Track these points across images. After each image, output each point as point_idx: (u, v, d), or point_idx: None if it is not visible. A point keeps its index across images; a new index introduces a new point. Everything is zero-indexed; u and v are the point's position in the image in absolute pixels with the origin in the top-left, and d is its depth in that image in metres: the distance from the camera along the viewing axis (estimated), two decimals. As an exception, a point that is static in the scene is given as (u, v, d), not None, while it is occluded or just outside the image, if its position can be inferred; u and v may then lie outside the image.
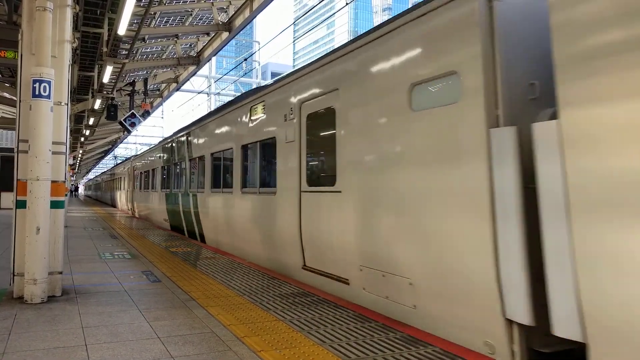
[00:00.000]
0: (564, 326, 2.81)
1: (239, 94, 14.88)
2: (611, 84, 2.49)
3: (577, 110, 2.65)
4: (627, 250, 2.40)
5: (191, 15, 11.96)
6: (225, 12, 11.91)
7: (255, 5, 10.46)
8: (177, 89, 18.81)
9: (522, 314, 3.07)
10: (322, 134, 5.64)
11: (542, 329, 3.06)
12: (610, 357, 2.50)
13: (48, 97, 4.71)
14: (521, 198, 3.11)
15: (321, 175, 5.71)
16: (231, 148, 8.60)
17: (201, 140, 10.64)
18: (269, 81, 7.83)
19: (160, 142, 16.04)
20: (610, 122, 2.48)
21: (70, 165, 25.16)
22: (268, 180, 7.25)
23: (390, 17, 4.75)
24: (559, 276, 2.83)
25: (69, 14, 5.21)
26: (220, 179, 9.32)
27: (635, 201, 2.36)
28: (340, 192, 5.12)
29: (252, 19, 10.95)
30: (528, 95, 3.42)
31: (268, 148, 7.22)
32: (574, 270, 2.70)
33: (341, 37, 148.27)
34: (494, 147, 3.29)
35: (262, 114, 7.28)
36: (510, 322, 3.20)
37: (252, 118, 7.70)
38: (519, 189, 3.12)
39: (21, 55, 5.01)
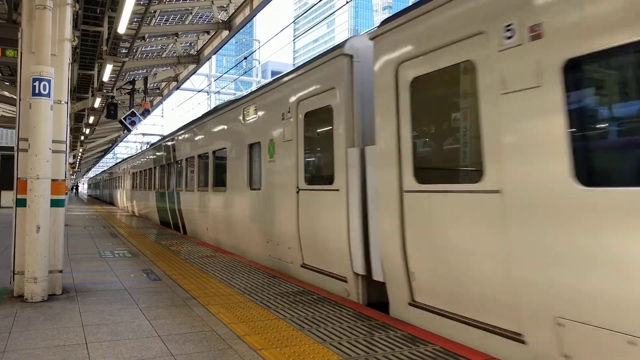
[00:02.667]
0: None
1: (240, 93, 14.86)
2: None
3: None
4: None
5: (191, 13, 11.94)
6: (225, 10, 11.89)
7: (255, 3, 10.44)
8: (177, 88, 18.80)
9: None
10: None
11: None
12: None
13: (48, 95, 4.70)
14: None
15: None
16: None
17: None
18: None
19: None
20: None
21: (70, 164, 25.17)
22: None
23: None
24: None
25: (69, 13, 5.20)
26: None
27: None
28: None
29: (252, 18, 10.93)
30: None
31: None
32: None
33: (341, 35, 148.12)
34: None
35: None
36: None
37: None
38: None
39: (21, 53, 5.00)
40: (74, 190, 58.11)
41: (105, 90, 13.98)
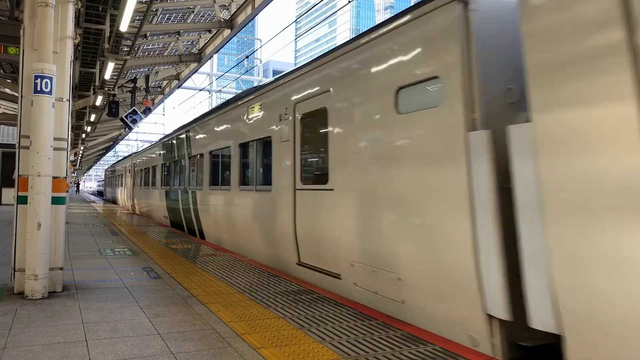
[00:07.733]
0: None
1: (240, 91, 14.88)
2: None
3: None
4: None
5: (193, 12, 11.94)
6: (227, 9, 11.89)
7: (257, 2, 10.44)
8: (179, 86, 18.80)
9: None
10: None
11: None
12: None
13: (50, 93, 4.71)
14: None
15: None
16: None
17: None
18: None
19: None
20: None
21: (72, 162, 25.18)
22: None
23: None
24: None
25: (71, 10, 5.20)
26: None
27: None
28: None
29: (254, 17, 10.93)
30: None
31: None
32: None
33: (343, 35, 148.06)
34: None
35: None
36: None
37: None
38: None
39: (23, 51, 5.00)
40: (75, 188, 58.48)
41: (106, 88, 13.98)
